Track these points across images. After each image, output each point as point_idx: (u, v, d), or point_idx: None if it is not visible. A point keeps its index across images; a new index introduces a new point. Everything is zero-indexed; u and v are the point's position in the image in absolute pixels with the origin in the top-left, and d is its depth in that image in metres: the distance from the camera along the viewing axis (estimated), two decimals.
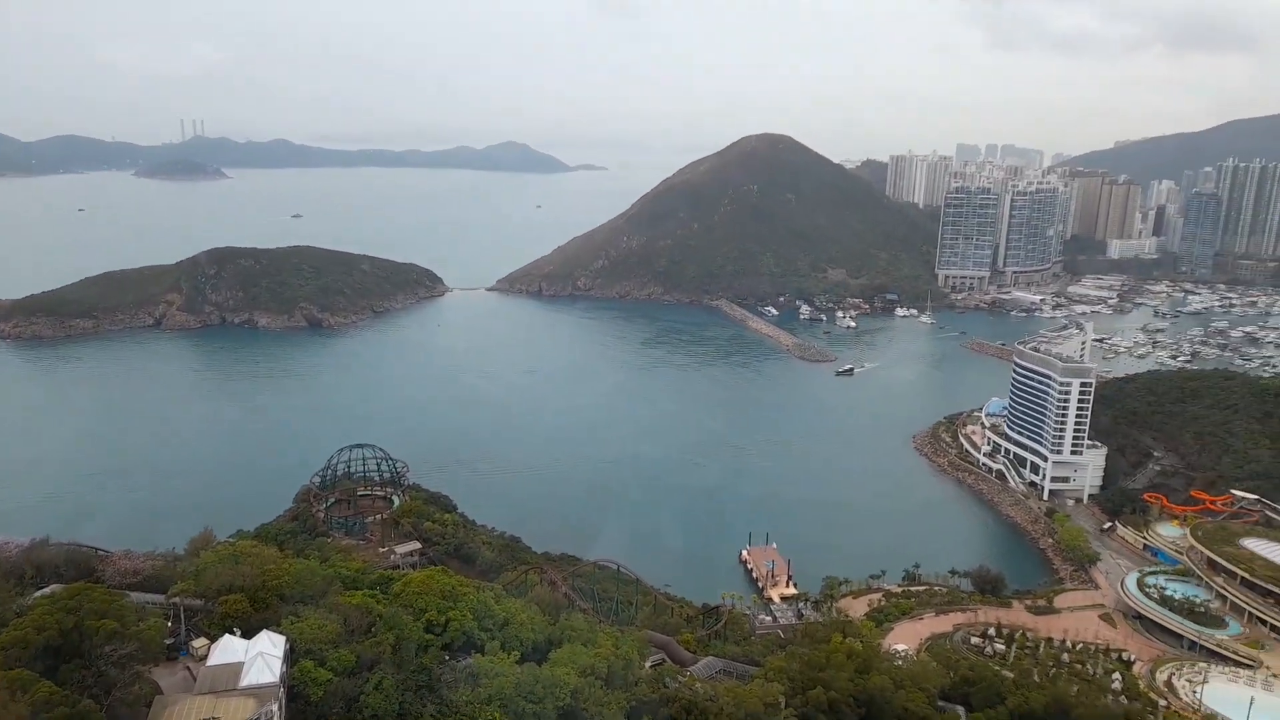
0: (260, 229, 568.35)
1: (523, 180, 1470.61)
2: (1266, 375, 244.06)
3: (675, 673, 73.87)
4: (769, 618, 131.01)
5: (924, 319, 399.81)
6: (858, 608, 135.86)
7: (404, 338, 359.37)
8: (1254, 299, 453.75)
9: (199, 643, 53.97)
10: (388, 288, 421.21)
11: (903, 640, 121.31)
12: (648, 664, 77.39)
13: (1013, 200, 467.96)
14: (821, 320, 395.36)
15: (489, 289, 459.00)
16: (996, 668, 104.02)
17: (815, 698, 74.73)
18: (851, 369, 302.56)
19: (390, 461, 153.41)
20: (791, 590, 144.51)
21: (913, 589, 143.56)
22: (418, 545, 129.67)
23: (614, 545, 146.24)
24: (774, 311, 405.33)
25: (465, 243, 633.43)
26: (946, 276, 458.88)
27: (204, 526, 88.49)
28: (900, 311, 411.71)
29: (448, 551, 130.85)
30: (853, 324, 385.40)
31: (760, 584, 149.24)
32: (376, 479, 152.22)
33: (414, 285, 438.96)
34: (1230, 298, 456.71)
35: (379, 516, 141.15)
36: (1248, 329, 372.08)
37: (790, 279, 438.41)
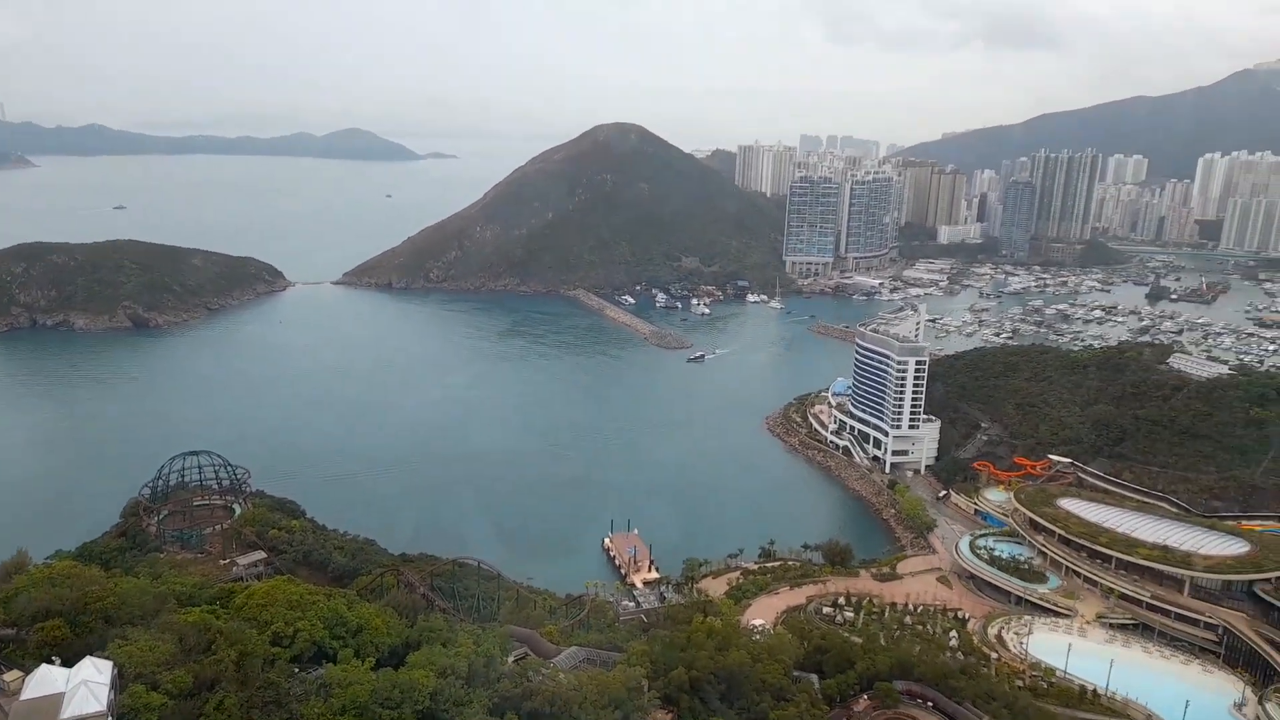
0: (76, 222, 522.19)
1: (369, 169, 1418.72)
2: (1076, 348, 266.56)
3: (539, 666, 73.35)
4: (632, 603, 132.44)
5: (774, 304, 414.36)
6: (718, 587, 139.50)
7: (244, 336, 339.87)
8: (1065, 279, 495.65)
9: (11, 675, 49.08)
10: (223, 284, 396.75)
11: (760, 615, 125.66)
12: (510, 659, 76.55)
13: (852, 189, 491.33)
14: (677, 308, 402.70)
15: (335, 283, 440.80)
16: (846, 635, 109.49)
17: (677, 678, 76.24)
18: (702, 355, 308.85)
19: (230, 468, 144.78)
20: (654, 574, 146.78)
21: (769, 565, 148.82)
22: (263, 555, 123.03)
23: (475, 541, 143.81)
24: (631, 300, 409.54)
25: (308, 234, 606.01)
26: (794, 263, 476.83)
27: (16, 549, 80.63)
28: (751, 298, 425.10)
29: (296, 560, 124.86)
30: (707, 311, 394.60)
31: (623, 570, 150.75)
32: (215, 488, 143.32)
33: (252, 280, 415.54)
34: (1045, 278, 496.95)
35: (218, 527, 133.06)
36: (1060, 306, 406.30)
37: (646, 268, 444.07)
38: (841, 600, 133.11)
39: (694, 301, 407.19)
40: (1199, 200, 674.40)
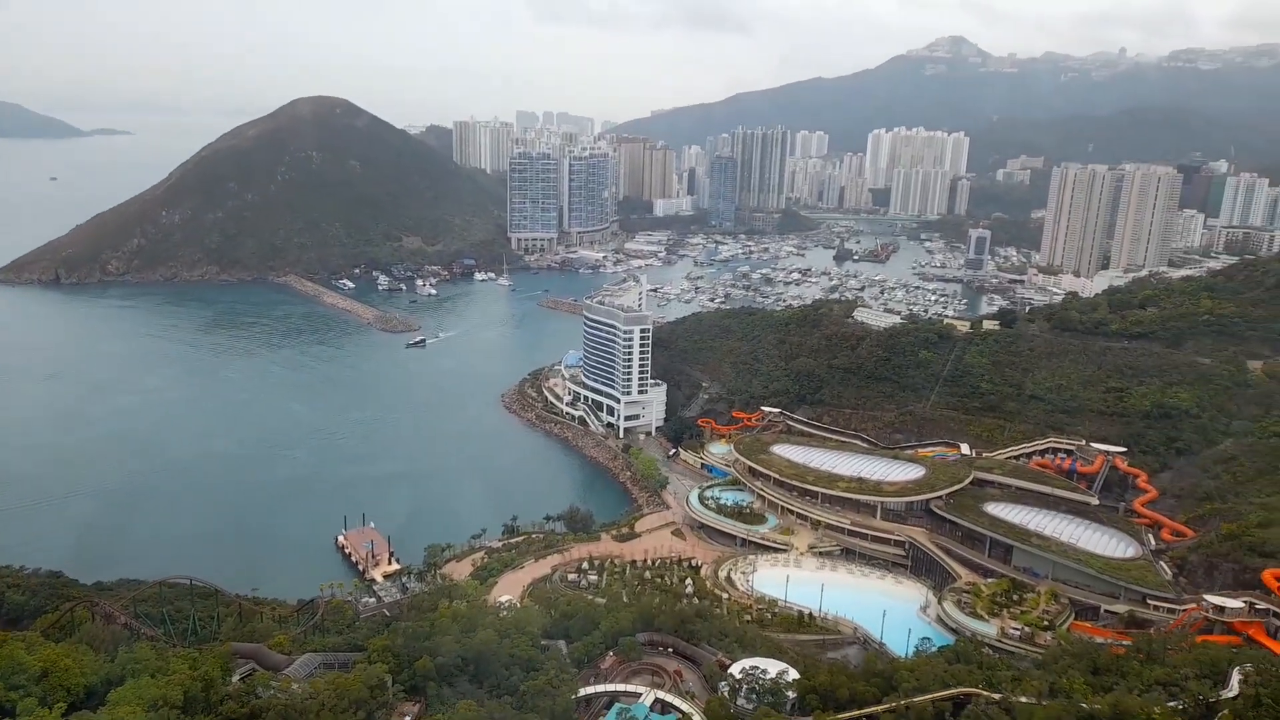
0: None
1: (21, 148, 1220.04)
2: (779, 309, 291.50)
3: (267, 680, 68.19)
4: (373, 599, 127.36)
5: (502, 281, 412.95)
6: (462, 570, 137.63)
7: None
8: (766, 246, 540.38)
9: None
10: None
11: (507, 591, 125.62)
12: (236, 677, 70.69)
13: (571, 165, 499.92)
14: (402, 290, 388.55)
15: None
16: (591, 598, 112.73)
17: (423, 667, 74.38)
18: (422, 340, 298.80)
19: None
20: (394, 567, 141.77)
21: (513, 541, 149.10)
22: None
23: (189, 558, 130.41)
24: (350, 284, 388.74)
25: None
26: (519, 239, 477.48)
27: None
28: (479, 276, 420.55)
29: None
30: (434, 291, 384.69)
31: (361, 567, 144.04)
32: None
33: None
34: (750, 246, 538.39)
35: None
36: (764, 271, 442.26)
37: (364, 249, 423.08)
38: (585, 565, 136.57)
39: (419, 282, 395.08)
40: (871, 171, 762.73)
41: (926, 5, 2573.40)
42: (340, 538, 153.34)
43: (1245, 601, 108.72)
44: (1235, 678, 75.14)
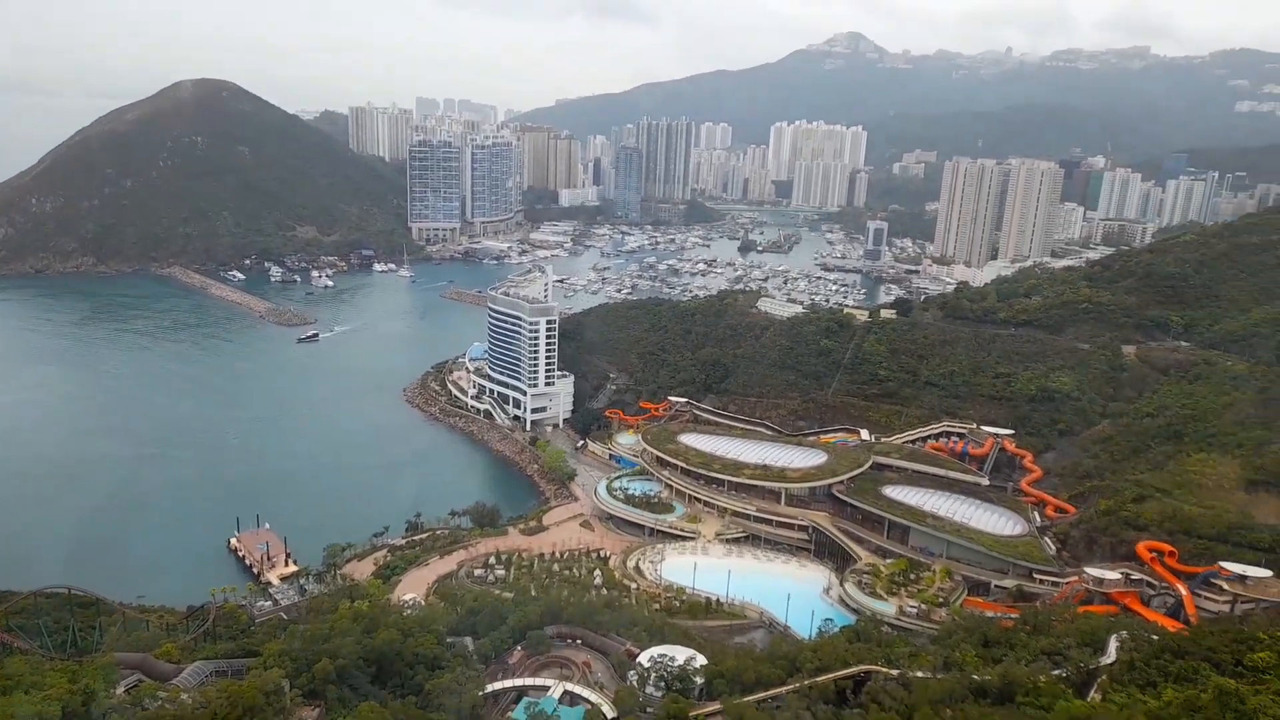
0: None
1: None
2: (685, 299, 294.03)
3: (154, 690, 64.84)
4: (269, 603, 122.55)
5: (403, 273, 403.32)
6: (364, 569, 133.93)
7: None
8: (672, 236, 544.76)
9: None
10: None
11: (412, 589, 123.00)
12: (120, 689, 67.04)
13: (473, 154, 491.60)
14: (296, 281, 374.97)
15: None
16: (498, 593, 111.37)
17: (322, 670, 72.08)
18: (315, 335, 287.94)
19: None
20: (291, 569, 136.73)
21: (417, 538, 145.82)
22: None
23: (68, 566, 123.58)
24: (240, 276, 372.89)
25: None
26: (420, 229, 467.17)
27: None
28: (379, 267, 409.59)
29: None
30: (330, 283, 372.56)
31: (255, 569, 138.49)
32: None
33: None
34: (656, 236, 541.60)
35: None
36: (670, 262, 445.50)
37: (255, 239, 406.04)
38: (492, 560, 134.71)
39: (315, 274, 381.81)
40: (773, 163, 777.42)
41: (824, 1, 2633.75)
42: (233, 540, 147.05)
43: (1121, 573, 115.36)
44: (1113, 645, 79.52)
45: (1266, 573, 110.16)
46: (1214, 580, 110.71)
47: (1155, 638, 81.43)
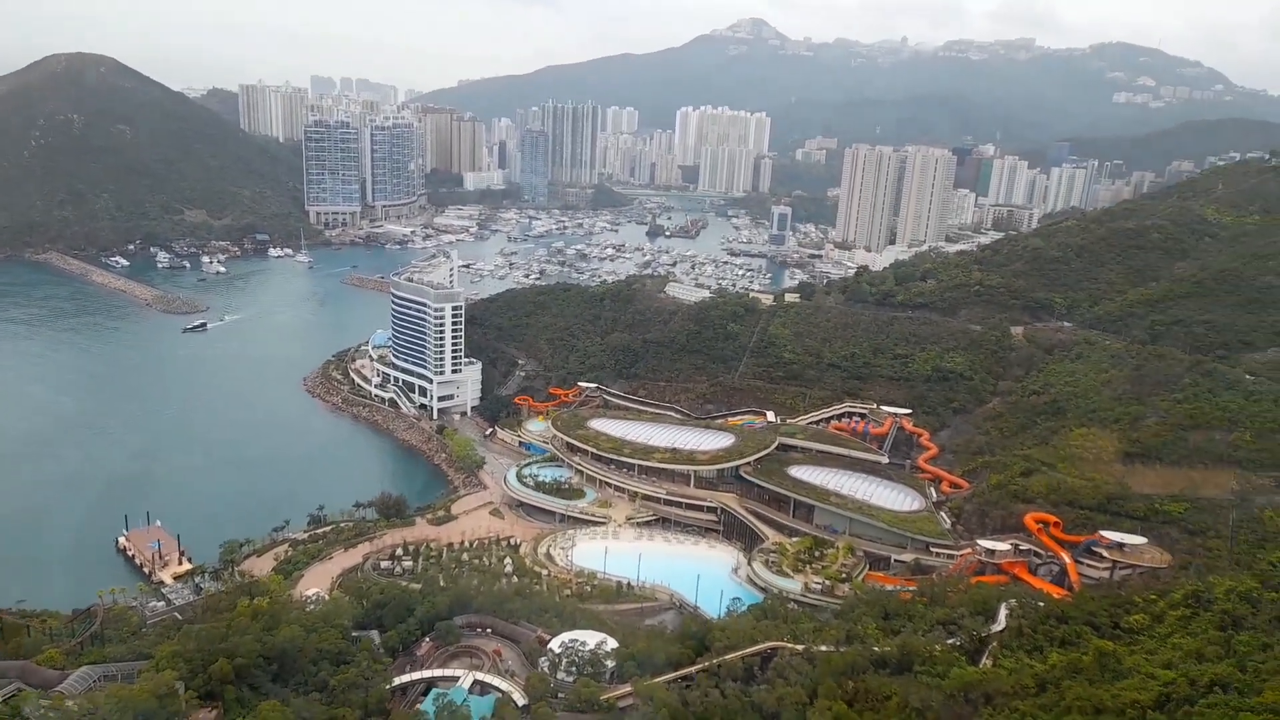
0: None
1: None
2: (594, 284, 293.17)
3: (35, 699, 61.37)
4: (162, 603, 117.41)
5: (300, 258, 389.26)
6: (264, 565, 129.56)
7: None
8: (580, 221, 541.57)
9: None
10: None
11: (315, 584, 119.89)
12: None
13: (373, 135, 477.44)
14: (185, 268, 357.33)
15: None
16: (406, 584, 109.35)
17: (220, 670, 69.51)
18: (204, 324, 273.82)
19: None
20: (185, 567, 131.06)
21: (320, 531, 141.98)
22: None
23: None
24: (124, 262, 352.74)
25: None
26: (318, 213, 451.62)
27: None
28: (274, 252, 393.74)
29: None
30: (223, 269, 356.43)
31: (147, 569, 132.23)
32: None
33: None
34: (564, 221, 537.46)
35: None
36: (579, 247, 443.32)
37: (140, 223, 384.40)
38: (399, 551, 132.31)
39: (205, 259, 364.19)
40: (680, 148, 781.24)
41: None
42: (121, 539, 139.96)
43: (1011, 544, 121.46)
44: (1003, 613, 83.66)
45: (1142, 540, 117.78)
46: (1095, 548, 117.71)
47: (1041, 605, 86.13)
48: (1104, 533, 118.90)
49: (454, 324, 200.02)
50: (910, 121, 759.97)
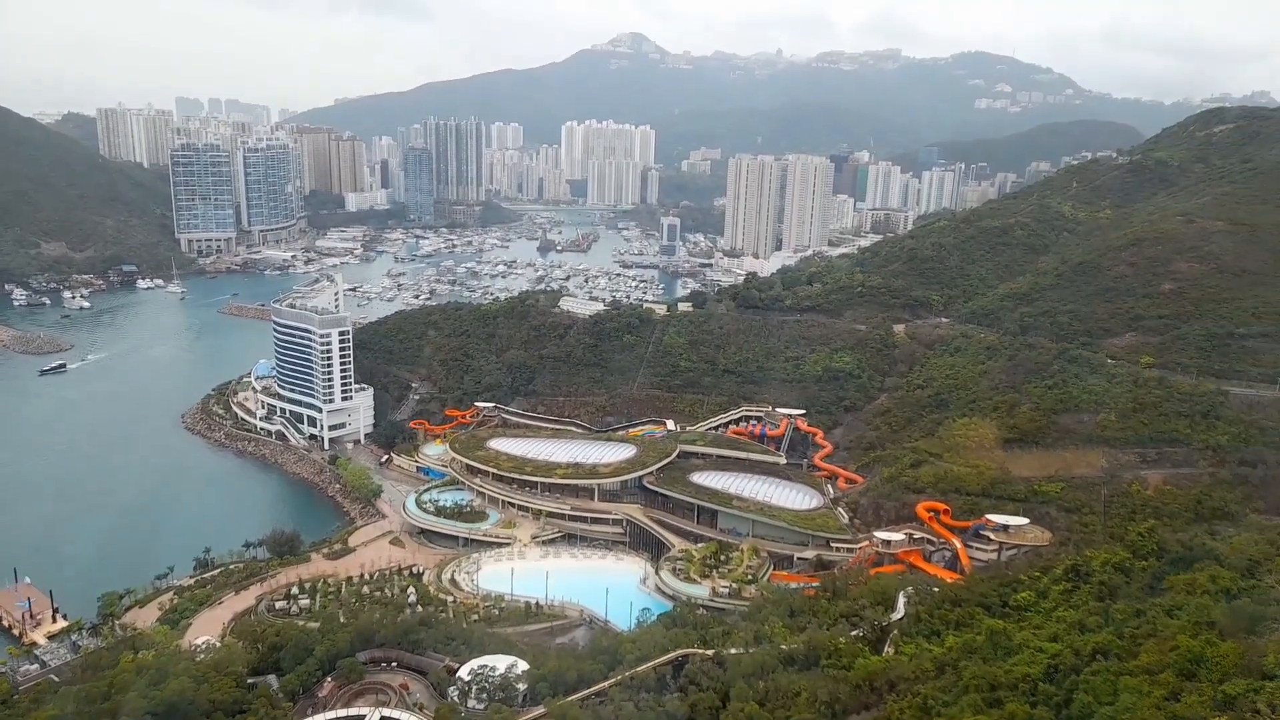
0: None
1: None
2: (486, 302, 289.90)
3: None
4: (35, 666, 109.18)
5: (173, 289, 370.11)
6: (148, 616, 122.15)
7: None
8: (469, 239, 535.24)
9: None
10: None
11: (205, 632, 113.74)
12: None
13: (246, 157, 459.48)
14: (45, 304, 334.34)
15: None
16: (303, 624, 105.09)
17: None
18: (63, 364, 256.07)
19: None
20: (60, 625, 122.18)
21: (208, 575, 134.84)
22: None
23: None
24: None
25: None
26: (190, 241, 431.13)
27: None
28: (144, 284, 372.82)
29: None
30: (87, 304, 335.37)
31: (16, 631, 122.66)
32: None
33: None
34: (452, 239, 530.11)
35: None
36: (469, 265, 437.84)
37: None
38: (295, 590, 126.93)
39: (68, 295, 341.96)
40: (567, 163, 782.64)
41: (605, 3, 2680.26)
42: None
43: (906, 533, 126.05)
44: (901, 601, 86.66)
45: (1024, 521, 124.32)
46: (982, 532, 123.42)
47: (936, 590, 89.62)
48: (990, 516, 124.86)
49: (342, 350, 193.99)
50: (788, 130, 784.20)
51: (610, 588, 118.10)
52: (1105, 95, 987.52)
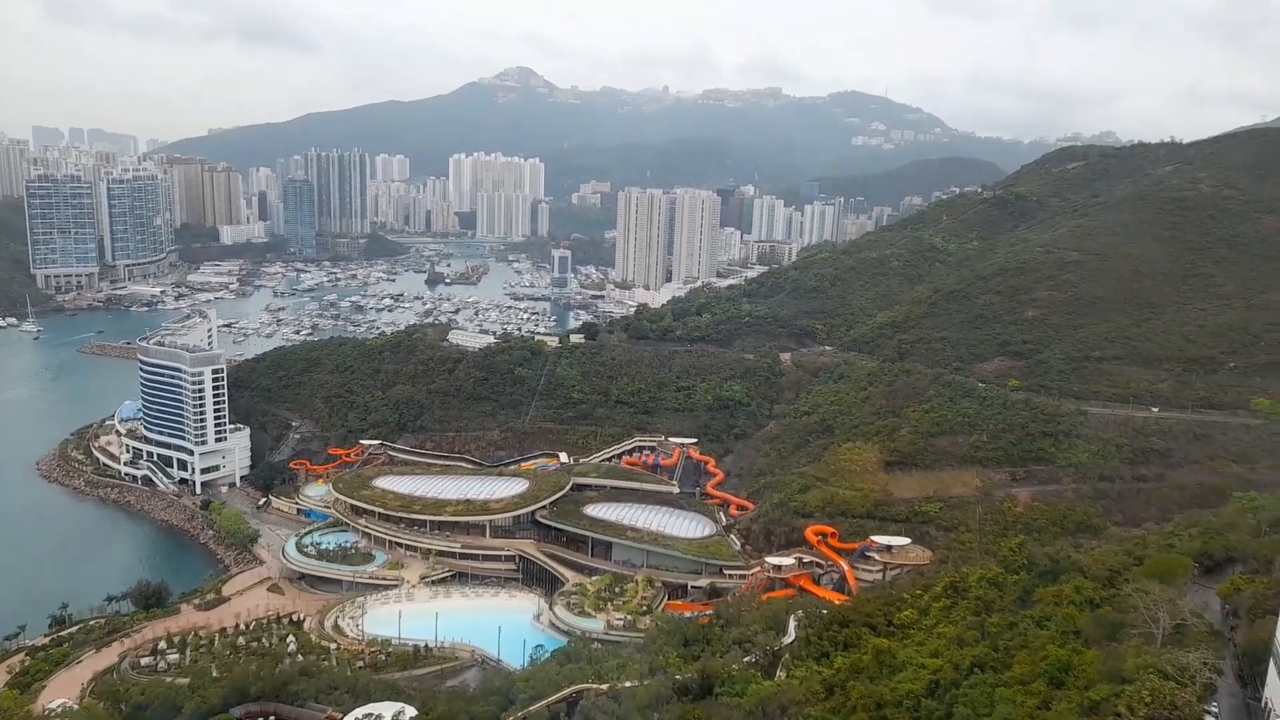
0: None
1: None
2: (372, 336, 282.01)
3: None
4: None
5: (26, 327, 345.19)
6: None
7: None
8: (354, 272, 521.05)
9: None
10: None
11: (62, 694, 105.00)
12: None
13: (110, 189, 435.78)
14: None
15: None
16: (171, 680, 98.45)
17: None
18: None
19: None
20: None
21: (64, 633, 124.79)
22: None
23: None
24: None
25: None
26: (47, 276, 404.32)
27: None
28: None
29: None
30: None
31: None
32: None
33: None
34: (335, 273, 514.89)
35: None
36: (353, 299, 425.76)
37: None
38: (162, 644, 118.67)
39: None
40: (455, 195, 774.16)
41: (492, 36, 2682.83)
42: None
43: (795, 558, 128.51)
44: (792, 625, 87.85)
45: (907, 540, 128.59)
46: (867, 553, 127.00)
47: (825, 612, 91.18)
48: (874, 538, 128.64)
49: (215, 389, 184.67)
50: (675, 165, 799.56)
51: (503, 626, 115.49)
52: (970, 134, 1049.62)
